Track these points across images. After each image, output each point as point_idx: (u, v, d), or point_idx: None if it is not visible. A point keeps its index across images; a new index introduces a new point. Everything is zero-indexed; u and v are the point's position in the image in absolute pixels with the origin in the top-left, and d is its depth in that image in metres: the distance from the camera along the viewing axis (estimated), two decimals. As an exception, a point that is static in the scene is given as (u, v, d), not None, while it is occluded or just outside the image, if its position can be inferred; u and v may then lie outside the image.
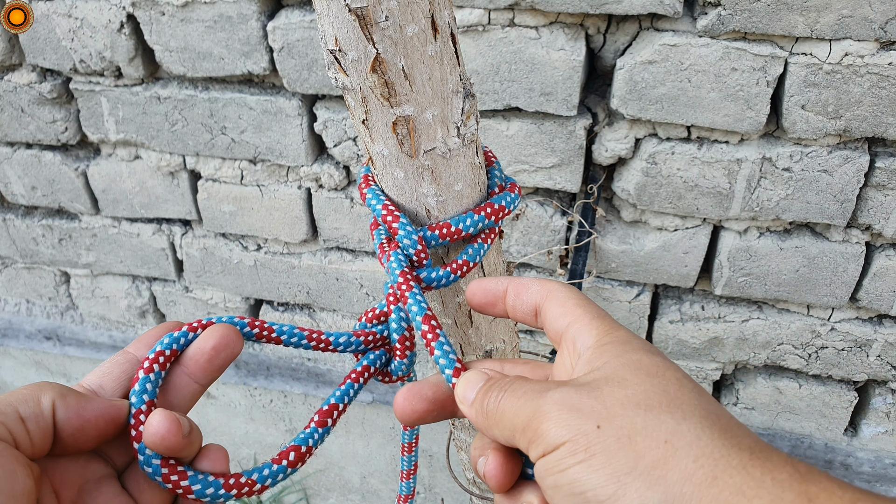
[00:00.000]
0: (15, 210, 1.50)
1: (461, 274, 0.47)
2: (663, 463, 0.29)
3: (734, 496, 0.27)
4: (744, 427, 0.31)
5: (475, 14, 1.01)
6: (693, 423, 0.30)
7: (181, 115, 1.23)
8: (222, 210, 1.34)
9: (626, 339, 0.36)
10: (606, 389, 0.32)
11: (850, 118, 0.97)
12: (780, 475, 0.28)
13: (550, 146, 1.10)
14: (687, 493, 0.28)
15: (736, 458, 0.28)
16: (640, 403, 0.31)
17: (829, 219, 1.08)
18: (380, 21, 0.36)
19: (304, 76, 1.12)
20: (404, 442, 0.66)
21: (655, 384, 0.32)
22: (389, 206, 0.45)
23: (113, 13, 1.14)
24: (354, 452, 1.72)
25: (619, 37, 1.03)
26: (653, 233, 1.17)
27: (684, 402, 0.31)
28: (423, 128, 0.41)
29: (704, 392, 0.33)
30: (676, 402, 0.31)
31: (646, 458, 0.29)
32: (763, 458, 0.29)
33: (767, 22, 0.92)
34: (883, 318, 1.19)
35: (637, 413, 0.30)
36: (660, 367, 0.33)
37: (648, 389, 0.32)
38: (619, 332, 0.37)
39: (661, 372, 0.33)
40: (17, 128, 1.33)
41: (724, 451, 0.29)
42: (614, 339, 0.36)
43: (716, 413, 0.31)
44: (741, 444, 0.29)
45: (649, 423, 0.30)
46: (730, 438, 0.29)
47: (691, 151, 1.06)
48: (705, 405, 0.31)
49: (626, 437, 0.30)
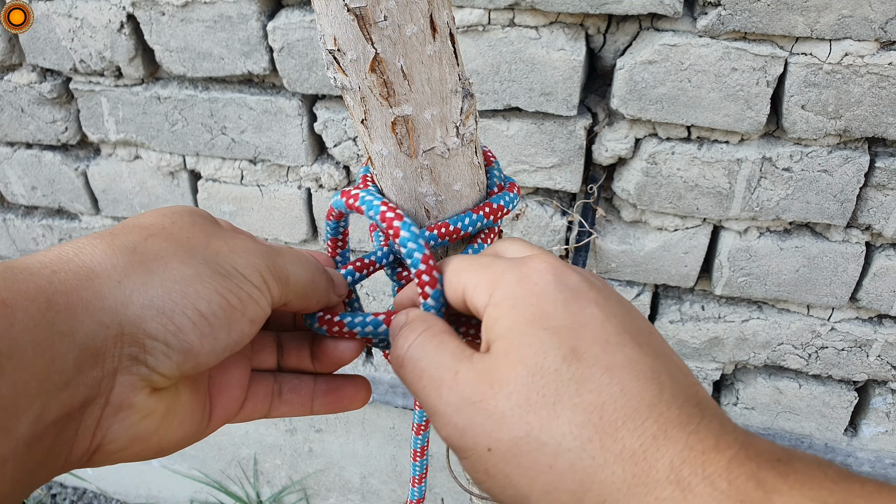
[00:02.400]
0: (15, 210, 1.50)
1: None
2: (554, 488, 0.29)
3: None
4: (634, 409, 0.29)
5: (475, 14, 1.01)
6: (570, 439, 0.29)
7: (181, 115, 1.23)
8: (222, 210, 1.34)
9: (511, 298, 0.33)
10: (491, 397, 0.31)
11: (850, 118, 0.97)
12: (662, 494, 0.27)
13: (550, 146, 1.10)
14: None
15: (619, 475, 0.28)
16: (521, 418, 0.30)
17: (829, 219, 1.07)
18: (378, 21, 0.36)
19: (304, 76, 1.12)
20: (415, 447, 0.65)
21: (533, 386, 0.30)
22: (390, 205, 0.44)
23: (113, 13, 1.14)
24: (354, 452, 1.72)
25: (619, 37, 1.03)
26: (653, 233, 1.17)
27: (563, 406, 0.30)
28: (422, 127, 0.41)
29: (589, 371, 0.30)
30: (556, 409, 0.30)
31: (537, 483, 0.29)
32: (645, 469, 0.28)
33: (767, 22, 0.92)
34: (883, 318, 1.19)
35: (519, 432, 0.30)
36: (539, 352, 0.31)
37: (528, 395, 0.30)
38: (504, 284, 0.34)
39: (539, 364, 0.31)
40: (17, 128, 1.33)
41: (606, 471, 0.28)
42: (501, 299, 0.34)
43: (599, 406, 0.29)
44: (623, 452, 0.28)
45: (531, 445, 0.29)
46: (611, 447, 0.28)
47: (691, 151, 1.06)
48: (587, 399, 0.29)
49: (514, 461, 0.30)
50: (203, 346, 0.34)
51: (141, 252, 0.34)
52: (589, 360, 0.30)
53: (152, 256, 0.34)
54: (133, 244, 0.34)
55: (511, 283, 0.34)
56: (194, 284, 0.34)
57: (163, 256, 0.34)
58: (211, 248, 0.36)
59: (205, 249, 0.36)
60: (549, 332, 0.31)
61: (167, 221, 0.37)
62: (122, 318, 0.32)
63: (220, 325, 0.34)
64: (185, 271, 0.34)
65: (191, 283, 0.33)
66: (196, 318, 0.33)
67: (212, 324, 0.34)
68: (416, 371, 0.35)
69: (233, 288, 0.35)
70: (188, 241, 0.36)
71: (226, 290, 0.34)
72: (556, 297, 0.33)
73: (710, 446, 0.27)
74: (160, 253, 0.34)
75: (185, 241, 0.36)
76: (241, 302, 0.35)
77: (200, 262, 0.35)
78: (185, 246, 0.35)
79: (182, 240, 0.36)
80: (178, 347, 0.33)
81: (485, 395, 0.31)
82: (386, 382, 1.52)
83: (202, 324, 0.33)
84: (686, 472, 0.27)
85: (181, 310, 0.33)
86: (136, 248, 0.34)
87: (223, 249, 0.36)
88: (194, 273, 0.34)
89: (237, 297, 0.35)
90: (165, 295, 0.33)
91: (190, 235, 0.36)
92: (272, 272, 0.38)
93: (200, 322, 0.33)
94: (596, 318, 0.32)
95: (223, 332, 0.34)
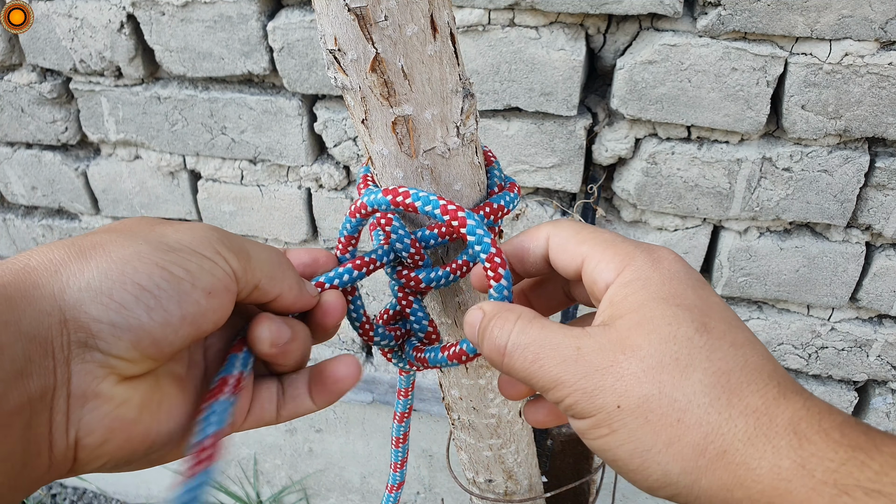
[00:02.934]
0: (15, 210, 1.50)
1: (461, 274, 0.47)
2: (678, 440, 0.32)
3: (740, 469, 0.30)
4: (755, 375, 0.33)
5: (475, 14, 1.01)
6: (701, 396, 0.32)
7: (181, 115, 1.23)
8: (222, 210, 1.34)
9: (645, 278, 0.36)
10: (623, 360, 0.34)
11: (850, 118, 0.97)
12: (780, 441, 0.30)
13: (550, 146, 1.10)
14: (702, 466, 0.31)
15: (741, 428, 0.31)
16: (654, 379, 0.33)
17: (830, 219, 1.07)
18: (379, 21, 0.36)
19: (304, 76, 1.12)
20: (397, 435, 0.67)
21: (667, 351, 0.33)
22: (446, 197, 0.44)
23: (113, 13, 1.14)
24: (354, 452, 1.72)
25: (619, 37, 1.03)
26: (653, 233, 1.17)
27: (694, 369, 0.33)
28: (422, 127, 0.41)
29: (719, 341, 0.34)
30: (688, 371, 0.33)
31: (662, 435, 0.32)
32: (767, 422, 0.31)
33: (767, 22, 0.92)
34: (883, 318, 1.19)
35: (651, 390, 0.33)
36: (673, 323, 0.34)
37: (661, 359, 0.33)
38: (637, 263, 0.37)
39: (674, 332, 0.34)
40: (17, 128, 1.33)
41: (730, 424, 0.31)
42: (633, 278, 0.37)
43: (726, 371, 0.33)
44: (747, 408, 0.31)
45: (663, 401, 0.32)
46: (736, 404, 0.32)
47: (691, 151, 1.06)
48: (715, 364, 0.33)
49: (643, 416, 0.33)
50: (153, 320, 0.33)
51: (79, 245, 0.34)
52: (717, 334, 0.34)
53: (90, 246, 0.34)
54: (71, 241, 0.34)
55: (643, 265, 0.37)
56: (132, 262, 0.33)
57: (101, 244, 0.34)
58: (155, 232, 0.36)
59: (148, 234, 0.35)
60: (683, 308, 0.35)
61: (113, 225, 0.37)
62: (61, 303, 0.31)
63: (167, 296, 0.33)
64: (122, 252, 0.33)
65: (128, 261, 0.33)
66: (137, 292, 0.32)
67: (157, 296, 0.33)
68: (529, 355, 0.36)
69: (177, 260, 0.34)
70: (129, 230, 0.36)
71: (169, 262, 0.34)
72: (687, 282, 0.36)
73: (824, 409, 0.31)
74: (98, 242, 0.34)
75: (125, 231, 0.35)
76: (190, 273, 0.34)
77: (141, 242, 0.34)
78: (125, 233, 0.35)
79: (123, 230, 0.36)
80: (126, 325, 0.32)
81: (616, 361, 0.34)
82: (386, 382, 1.52)
83: (146, 297, 0.33)
84: (803, 425, 0.30)
85: (120, 286, 0.32)
86: (74, 242, 0.34)
87: (168, 231, 0.36)
88: (133, 252, 0.33)
89: (183, 268, 0.34)
90: (102, 275, 0.32)
91: (132, 226, 0.36)
92: (226, 245, 0.37)
93: (143, 295, 0.33)
94: (720, 303, 0.36)
95: (173, 304, 0.33)
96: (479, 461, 0.69)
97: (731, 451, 0.31)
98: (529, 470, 0.72)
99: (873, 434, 0.30)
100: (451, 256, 0.49)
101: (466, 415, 0.63)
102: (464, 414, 0.63)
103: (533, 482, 0.73)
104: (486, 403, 0.61)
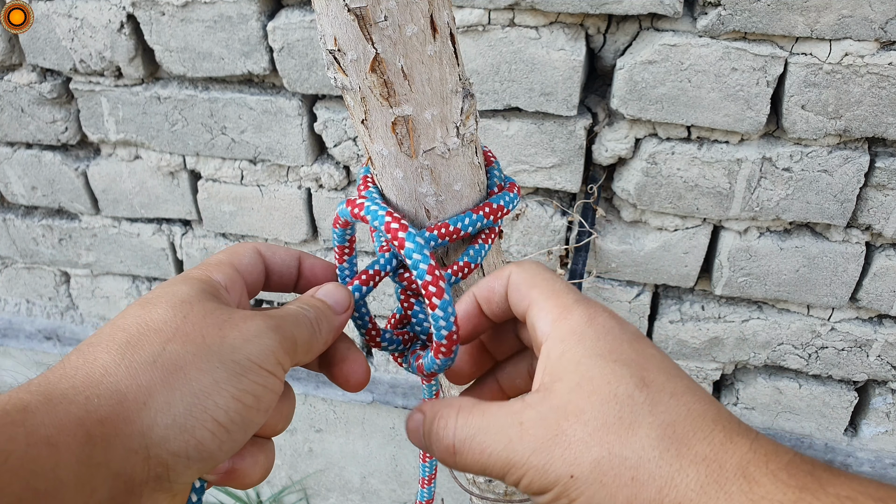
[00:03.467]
0: (15, 210, 1.50)
1: (462, 276, 0.46)
2: (635, 498, 0.32)
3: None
4: (700, 423, 0.33)
5: (475, 14, 1.01)
6: (650, 451, 0.32)
7: (181, 115, 1.23)
8: (222, 210, 1.34)
9: (579, 333, 0.36)
10: (568, 428, 0.34)
11: (850, 118, 0.97)
12: (731, 487, 0.31)
13: (550, 146, 1.10)
14: None
15: (693, 477, 0.31)
16: (601, 441, 0.33)
17: (830, 219, 1.07)
18: (379, 21, 0.36)
19: (304, 76, 1.12)
20: None
21: (610, 412, 0.34)
22: (395, 215, 0.44)
23: (113, 13, 1.14)
24: (354, 452, 1.72)
25: (619, 37, 1.03)
26: (653, 233, 1.17)
27: (640, 425, 0.33)
28: (422, 128, 0.41)
29: (658, 395, 0.34)
30: (633, 428, 0.33)
31: (619, 497, 0.32)
32: (717, 469, 0.31)
33: (767, 22, 0.92)
34: (883, 318, 1.19)
35: (601, 453, 0.33)
36: (612, 381, 0.34)
37: (605, 420, 0.33)
38: (573, 317, 0.37)
39: (613, 392, 0.34)
40: (17, 128, 1.33)
41: (681, 475, 0.32)
42: (568, 333, 0.37)
43: (672, 423, 0.33)
44: (696, 457, 0.32)
45: (613, 462, 0.33)
46: (685, 454, 0.32)
47: (691, 151, 1.06)
48: (660, 417, 0.33)
49: (598, 481, 0.33)
50: (222, 451, 0.36)
51: (161, 365, 0.35)
52: (657, 387, 0.34)
53: (172, 368, 0.35)
54: (153, 357, 0.35)
55: (579, 319, 0.37)
56: (213, 396, 0.35)
57: (182, 367, 0.36)
58: (226, 345, 0.37)
59: (220, 347, 0.37)
60: (620, 364, 0.35)
61: (179, 318, 0.37)
62: (148, 441, 0.33)
63: (237, 429, 0.36)
64: (203, 381, 0.35)
65: (209, 394, 0.35)
66: (215, 429, 0.35)
67: (229, 430, 0.36)
68: (476, 447, 0.36)
69: (249, 387, 0.37)
70: (203, 342, 0.37)
71: (242, 392, 0.36)
72: (622, 336, 0.37)
73: (770, 451, 0.32)
74: (178, 363, 0.36)
75: (200, 343, 0.37)
76: (257, 399, 0.37)
77: (217, 366, 0.36)
78: (201, 348, 0.36)
79: (197, 341, 0.37)
80: (199, 458, 0.35)
81: (560, 429, 0.34)
82: (386, 382, 1.52)
83: (221, 432, 0.35)
84: (752, 469, 0.31)
85: (201, 424, 0.35)
86: (157, 362, 0.35)
87: (237, 341, 0.37)
88: (212, 382, 0.36)
89: (253, 395, 0.37)
90: (187, 412, 0.35)
91: (204, 333, 0.37)
92: (283, 348, 0.39)
93: (219, 431, 0.35)
94: (656, 355, 0.36)
95: (240, 434, 0.37)
96: (479, 461, 0.69)
97: (686, 501, 0.31)
98: (529, 470, 0.72)
99: (819, 473, 0.31)
100: (451, 258, 0.49)
101: (466, 415, 0.63)
102: (464, 414, 0.63)
103: (533, 482, 0.73)
104: (485, 403, 0.61)
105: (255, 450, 0.41)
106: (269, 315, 0.40)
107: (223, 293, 0.42)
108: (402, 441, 1.65)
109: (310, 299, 0.44)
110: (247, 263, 0.45)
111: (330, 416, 1.66)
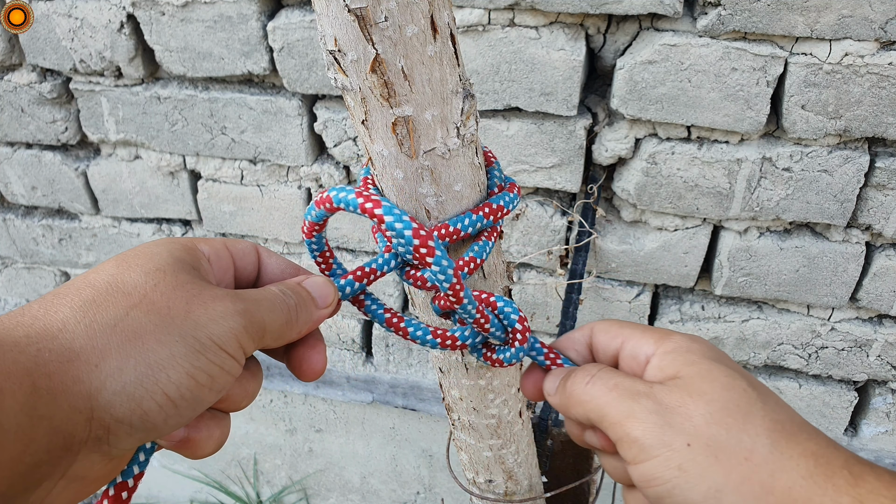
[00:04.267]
0: (15, 210, 1.50)
1: (468, 271, 0.46)
2: (748, 479, 0.35)
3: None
4: (804, 426, 0.37)
5: (475, 14, 1.01)
6: (764, 438, 0.36)
7: (181, 115, 1.23)
8: (222, 210, 1.34)
9: (686, 346, 0.41)
10: (691, 403, 0.38)
11: (850, 118, 0.97)
12: (838, 480, 0.34)
13: (550, 146, 1.10)
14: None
15: (803, 467, 0.34)
16: (721, 421, 0.36)
17: (830, 219, 1.07)
18: (379, 21, 0.36)
19: (304, 76, 1.12)
20: None
21: (730, 398, 0.37)
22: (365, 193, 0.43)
23: (113, 13, 1.14)
24: (354, 452, 1.72)
25: (619, 37, 1.03)
26: (653, 233, 1.17)
27: (754, 415, 0.37)
28: (422, 128, 0.41)
29: (767, 397, 0.39)
30: (749, 417, 0.37)
31: (732, 475, 0.35)
32: (824, 463, 0.35)
33: (767, 22, 0.92)
34: (883, 318, 1.19)
35: (720, 431, 0.36)
36: (729, 376, 0.39)
37: (726, 404, 0.37)
38: (676, 338, 0.42)
39: (732, 383, 0.38)
40: (17, 128, 1.33)
41: (792, 463, 0.35)
42: (676, 347, 0.41)
43: (780, 420, 0.37)
44: (805, 451, 0.35)
45: (731, 441, 0.36)
46: (795, 447, 0.36)
47: (691, 151, 1.06)
48: (770, 414, 0.37)
49: (713, 455, 0.36)
50: (167, 425, 0.36)
51: (121, 330, 0.35)
52: (764, 391, 0.39)
53: (131, 335, 0.35)
54: (115, 320, 0.35)
55: (681, 339, 0.42)
56: (166, 369, 0.35)
57: (141, 335, 0.35)
58: (189, 320, 0.36)
59: (183, 322, 0.36)
60: (731, 368, 0.40)
61: (149, 285, 0.37)
62: (94, 403, 0.33)
63: (186, 405, 0.36)
64: (160, 353, 0.35)
65: (163, 367, 0.35)
66: (163, 402, 0.35)
67: (178, 405, 0.35)
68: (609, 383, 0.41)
69: (205, 365, 0.36)
70: (168, 314, 0.36)
71: (197, 369, 0.36)
72: (722, 352, 0.42)
73: (868, 461, 0.36)
74: (139, 330, 0.35)
75: (165, 314, 0.36)
76: (212, 378, 0.37)
77: (177, 339, 0.36)
78: (164, 320, 0.36)
79: (162, 311, 0.36)
80: (142, 428, 0.35)
81: (684, 402, 0.38)
82: (386, 382, 1.52)
83: (168, 406, 0.35)
84: (857, 468, 0.34)
85: (150, 396, 0.34)
86: (117, 326, 0.35)
87: (202, 319, 0.37)
88: (168, 355, 0.35)
89: (208, 374, 0.36)
90: (137, 381, 0.34)
91: (171, 305, 0.37)
92: (248, 332, 0.38)
93: (167, 405, 0.35)
94: (748, 374, 0.41)
95: (189, 410, 0.36)
96: (480, 461, 0.69)
97: (797, 487, 0.34)
98: (529, 470, 0.72)
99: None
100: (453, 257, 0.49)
101: (466, 415, 0.63)
102: (464, 414, 0.63)
103: (533, 482, 0.74)
104: (486, 404, 0.61)
105: (211, 423, 0.41)
106: (242, 297, 0.39)
107: (204, 264, 0.41)
108: (403, 441, 1.65)
109: (295, 286, 0.43)
110: (240, 248, 0.44)
111: (330, 416, 1.66)
